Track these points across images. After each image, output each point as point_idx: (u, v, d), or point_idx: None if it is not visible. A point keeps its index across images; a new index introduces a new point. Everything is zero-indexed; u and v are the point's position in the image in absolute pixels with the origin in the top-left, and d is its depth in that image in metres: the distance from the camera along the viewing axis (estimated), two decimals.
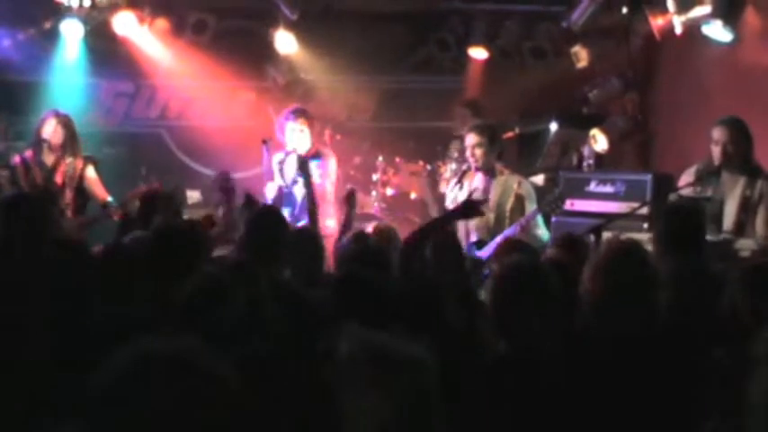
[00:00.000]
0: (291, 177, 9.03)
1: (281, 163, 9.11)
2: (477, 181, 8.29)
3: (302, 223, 8.33)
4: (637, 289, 4.26)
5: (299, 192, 8.95)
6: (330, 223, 8.57)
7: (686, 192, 7.40)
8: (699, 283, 4.99)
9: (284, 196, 9.01)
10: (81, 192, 8.85)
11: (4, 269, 4.66)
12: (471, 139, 8.33)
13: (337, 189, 9.18)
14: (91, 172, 8.93)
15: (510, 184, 8.19)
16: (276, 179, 9.12)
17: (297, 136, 9.00)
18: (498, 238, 7.65)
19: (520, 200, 8.14)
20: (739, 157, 7.37)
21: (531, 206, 8.10)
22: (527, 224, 7.93)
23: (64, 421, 2.42)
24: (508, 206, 8.13)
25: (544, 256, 6.00)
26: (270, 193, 8.98)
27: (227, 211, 8.18)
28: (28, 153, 8.90)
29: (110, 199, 8.75)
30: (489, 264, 6.98)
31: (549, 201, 8.07)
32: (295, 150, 8.96)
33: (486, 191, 8.20)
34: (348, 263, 5.60)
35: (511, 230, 7.87)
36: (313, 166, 8.99)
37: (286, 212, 8.45)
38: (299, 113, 9.09)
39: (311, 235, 6.57)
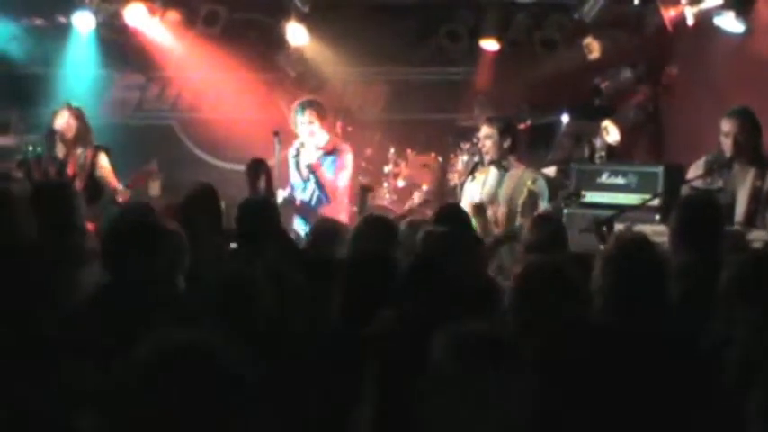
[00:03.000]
0: (306, 172, 9.05)
1: (297, 156, 9.13)
2: (491, 175, 8.27)
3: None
4: (647, 283, 4.25)
5: (311, 189, 8.97)
6: (343, 217, 8.57)
7: (697, 183, 7.39)
8: (711, 276, 4.98)
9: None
10: (94, 181, 8.83)
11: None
12: (483, 130, 8.35)
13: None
14: (103, 160, 8.91)
15: (524, 179, 8.16)
16: (292, 173, 9.14)
17: (306, 129, 9.02)
18: None
19: (533, 196, 8.09)
20: (750, 147, 7.36)
21: (543, 204, 8.07)
22: None
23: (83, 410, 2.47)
24: (520, 201, 8.10)
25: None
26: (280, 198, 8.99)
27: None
28: (41, 148, 8.90)
29: (120, 186, 8.75)
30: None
31: (565, 197, 8.06)
32: (303, 146, 9.01)
33: (498, 186, 8.20)
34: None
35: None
36: (329, 161, 9.03)
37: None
38: (306, 106, 9.11)
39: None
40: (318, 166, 8.97)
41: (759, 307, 4.05)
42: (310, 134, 9.02)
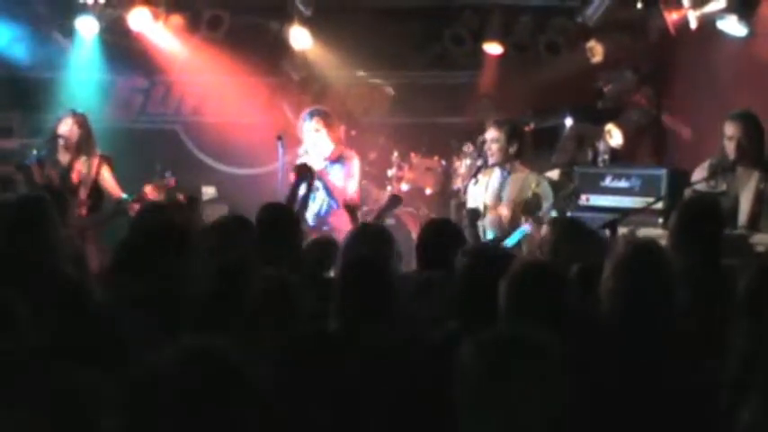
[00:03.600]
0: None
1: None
2: (494, 177, 8.28)
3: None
4: (657, 288, 4.25)
5: (321, 198, 8.98)
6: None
7: (700, 187, 7.39)
8: (710, 278, 4.97)
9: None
10: (96, 190, 8.87)
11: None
12: (489, 133, 8.35)
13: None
14: (106, 171, 8.95)
15: (528, 182, 8.16)
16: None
17: (313, 136, 9.05)
18: (514, 236, 7.68)
19: (537, 198, 8.10)
20: (753, 150, 7.36)
21: (547, 206, 8.07)
22: (541, 221, 7.89)
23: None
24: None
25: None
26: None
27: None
28: (43, 153, 8.91)
29: (124, 196, 8.75)
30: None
31: (564, 196, 8.06)
32: (307, 153, 9.02)
33: (502, 188, 8.20)
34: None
35: (525, 228, 7.86)
36: (336, 168, 9.06)
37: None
38: (314, 113, 9.16)
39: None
40: (325, 174, 8.99)
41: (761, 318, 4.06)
42: (316, 142, 9.05)
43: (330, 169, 9.08)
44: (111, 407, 2.39)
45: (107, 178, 8.93)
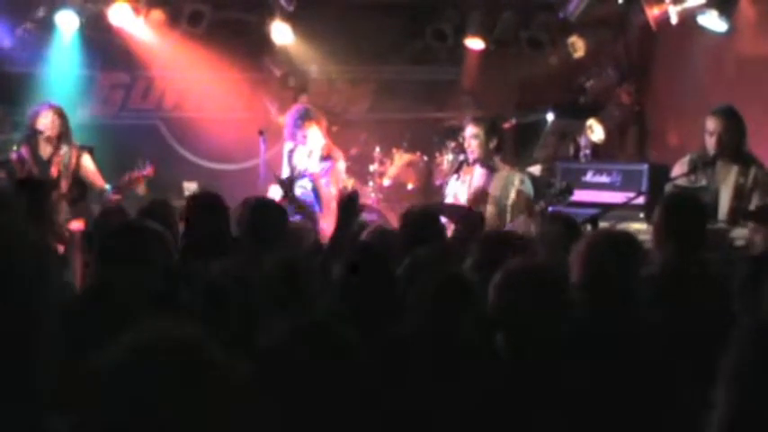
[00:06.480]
0: (299, 169, 9.04)
1: (291, 152, 9.16)
2: (476, 175, 8.28)
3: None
4: (617, 279, 4.26)
5: (306, 186, 8.98)
6: (330, 221, 8.56)
7: (681, 182, 7.41)
8: (693, 275, 4.98)
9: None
10: (78, 182, 8.81)
11: None
12: (468, 130, 8.36)
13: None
14: (87, 161, 8.91)
15: (511, 179, 8.15)
16: (284, 168, 9.16)
17: (309, 140, 9.09)
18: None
19: (521, 196, 8.07)
20: (733, 146, 7.39)
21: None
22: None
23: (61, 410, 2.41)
24: (509, 201, 8.09)
25: None
26: (274, 195, 8.96)
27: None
28: (23, 148, 8.87)
29: (107, 186, 8.72)
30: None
31: (555, 193, 8.03)
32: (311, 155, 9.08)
33: (485, 185, 8.19)
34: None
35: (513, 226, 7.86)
36: (324, 168, 9.08)
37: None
38: (304, 117, 9.15)
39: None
40: (318, 178, 9.00)
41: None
42: (312, 141, 9.10)
43: (321, 169, 9.11)
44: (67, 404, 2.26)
45: (88, 168, 8.87)
